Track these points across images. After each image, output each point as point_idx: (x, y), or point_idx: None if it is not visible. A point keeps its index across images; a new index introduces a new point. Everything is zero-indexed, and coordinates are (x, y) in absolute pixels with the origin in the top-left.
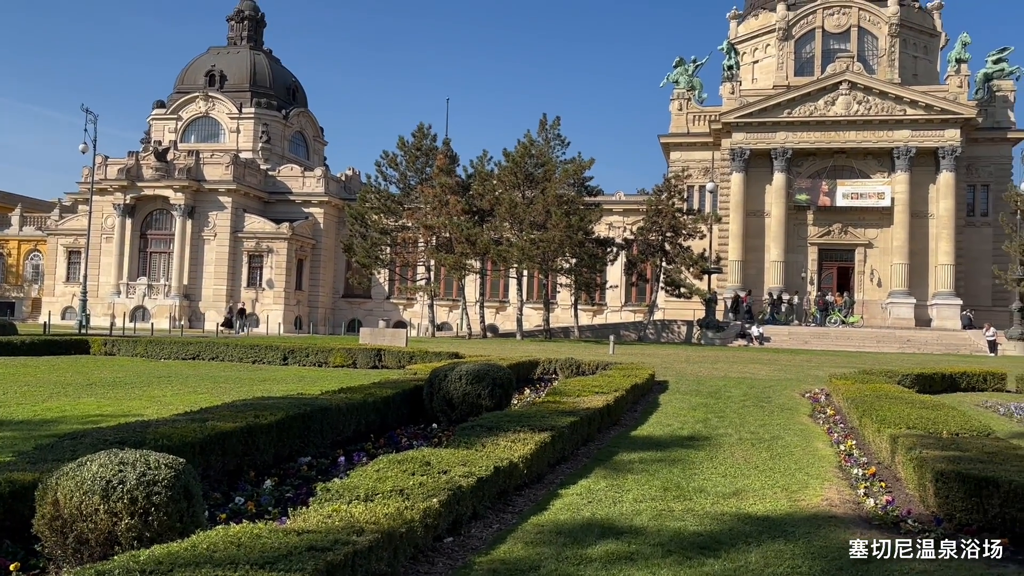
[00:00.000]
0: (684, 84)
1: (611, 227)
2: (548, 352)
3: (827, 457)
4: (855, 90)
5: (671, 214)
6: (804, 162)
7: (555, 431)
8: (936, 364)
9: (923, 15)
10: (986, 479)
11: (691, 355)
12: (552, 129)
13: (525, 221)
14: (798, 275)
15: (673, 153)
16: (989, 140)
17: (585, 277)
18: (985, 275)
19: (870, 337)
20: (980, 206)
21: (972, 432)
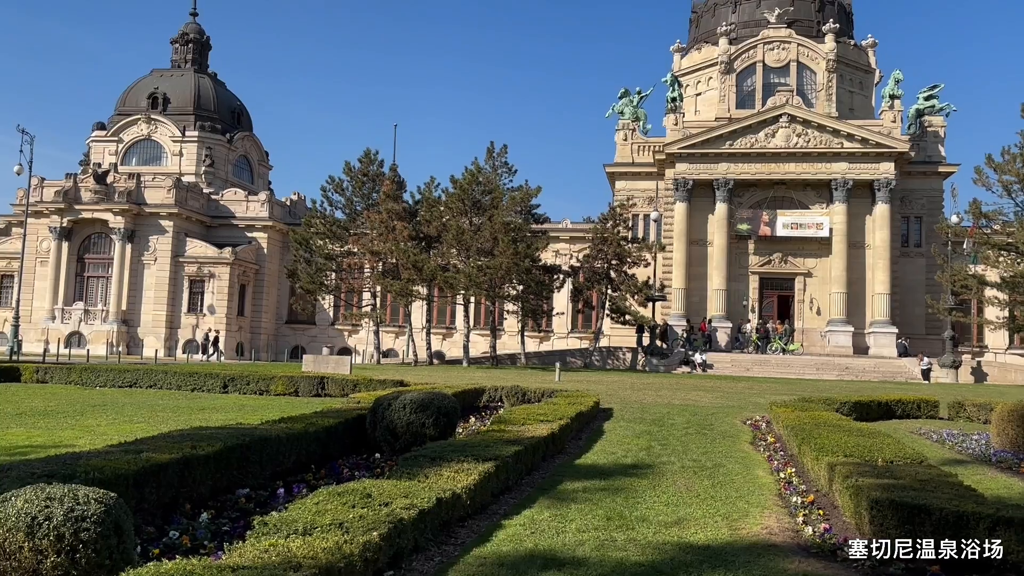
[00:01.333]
0: (629, 115)
1: (558, 254)
2: (494, 379)
3: (767, 485)
4: (794, 123)
5: (616, 242)
6: (746, 192)
7: (499, 461)
8: (873, 392)
9: (858, 52)
10: (918, 506)
11: (636, 382)
12: (499, 157)
13: (472, 248)
14: (740, 303)
15: (618, 182)
16: (922, 174)
17: (532, 304)
18: (919, 304)
19: (810, 364)
20: (914, 237)
21: (906, 460)
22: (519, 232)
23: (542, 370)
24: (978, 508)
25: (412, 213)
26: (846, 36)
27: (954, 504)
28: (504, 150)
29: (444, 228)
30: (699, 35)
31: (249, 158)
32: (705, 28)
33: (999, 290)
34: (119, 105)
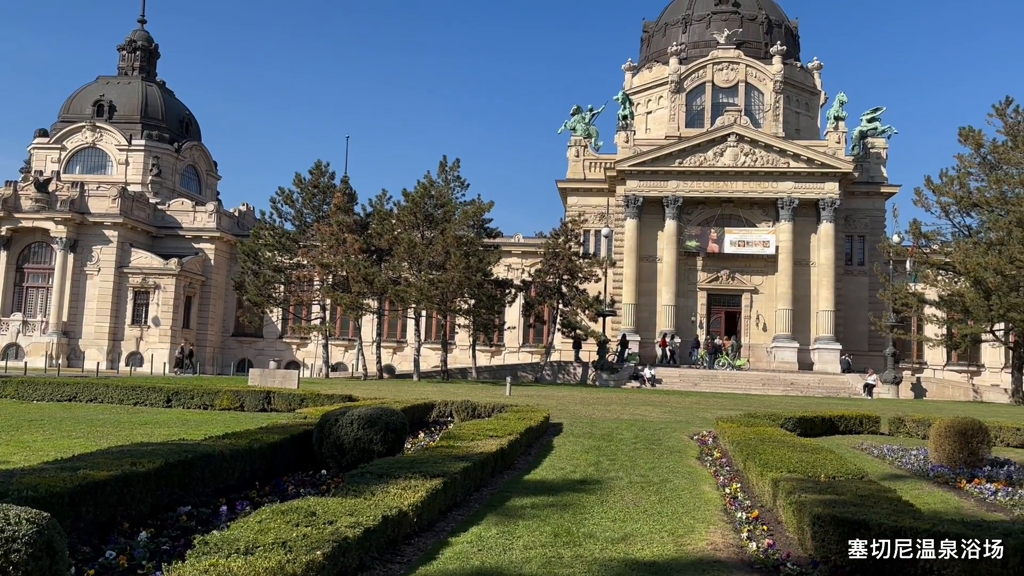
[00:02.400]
0: (581, 132)
1: (510, 269)
2: (444, 394)
3: (713, 500)
4: (742, 143)
5: (568, 257)
6: (695, 210)
7: (447, 478)
8: (817, 407)
9: (805, 74)
10: (858, 522)
11: (586, 397)
12: (452, 171)
13: (424, 261)
14: (688, 319)
15: (570, 198)
16: (865, 194)
17: (483, 318)
18: (862, 321)
19: (756, 380)
20: (857, 256)
21: (848, 475)
22: (471, 246)
23: (493, 384)
24: (915, 523)
25: (363, 226)
26: (793, 58)
27: (892, 519)
28: (457, 164)
29: (396, 241)
30: (650, 54)
31: (197, 168)
32: (656, 47)
33: (938, 308)
34: (63, 112)
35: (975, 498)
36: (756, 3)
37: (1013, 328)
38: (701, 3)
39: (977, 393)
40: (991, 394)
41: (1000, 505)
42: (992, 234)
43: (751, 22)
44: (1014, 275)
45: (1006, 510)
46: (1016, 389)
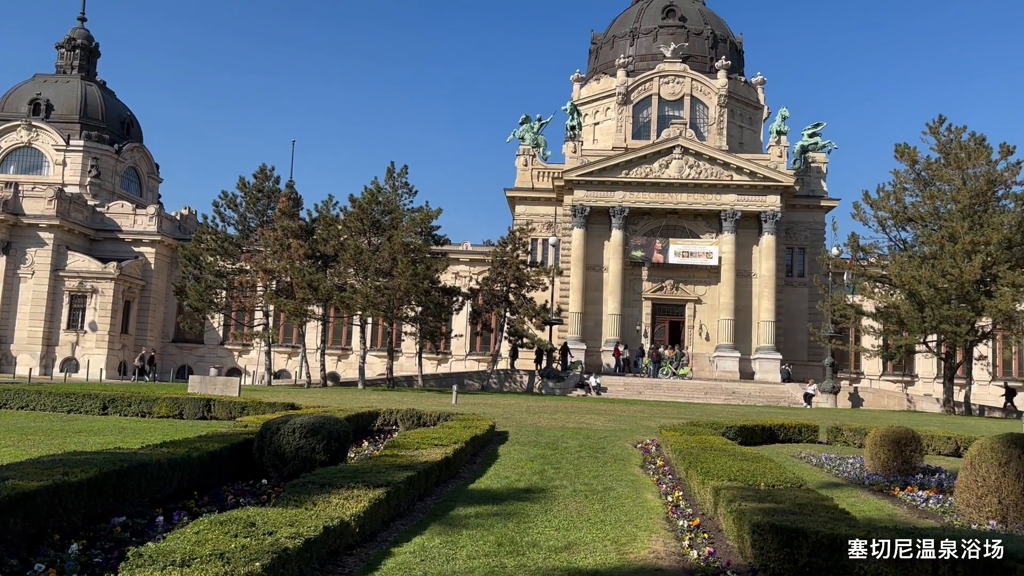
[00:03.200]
0: (530, 141)
1: (457, 276)
2: (390, 402)
3: (656, 508)
4: (687, 155)
5: (515, 266)
6: (641, 220)
7: (391, 487)
8: (758, 416)
9: (748, 88)
10: (796, 530)
11: (532, 405)
12: (400, 177)
13: (370, 268)
14: (633, 328)
15: (518, 207)
16: (805, 207)
17: (430, 326)
18: (802, 332)
19: (699, 389)
20: (798, 267)
21: (786, 484)
22: (419, 253)
23: (439, 392)
24: (850, 531)
25: (309, 231)
26: (737, 73)
27: (828, 527)
28: (405, 170)
29: (342, 247)
30: (598, 66)
31: (138, 170)
32: (604, 59)
33: (874, 320)
34: None
35: (908, 505)
36: (702, 18)
37: (945, 340)
38: (648, 17)
39: (911, 403)
40: (924, 404)
41: (931, 512)
42: (926, 248)
43: (697, 36)
44: (946, 288)
45: (937, 517)
46: (947, 399)
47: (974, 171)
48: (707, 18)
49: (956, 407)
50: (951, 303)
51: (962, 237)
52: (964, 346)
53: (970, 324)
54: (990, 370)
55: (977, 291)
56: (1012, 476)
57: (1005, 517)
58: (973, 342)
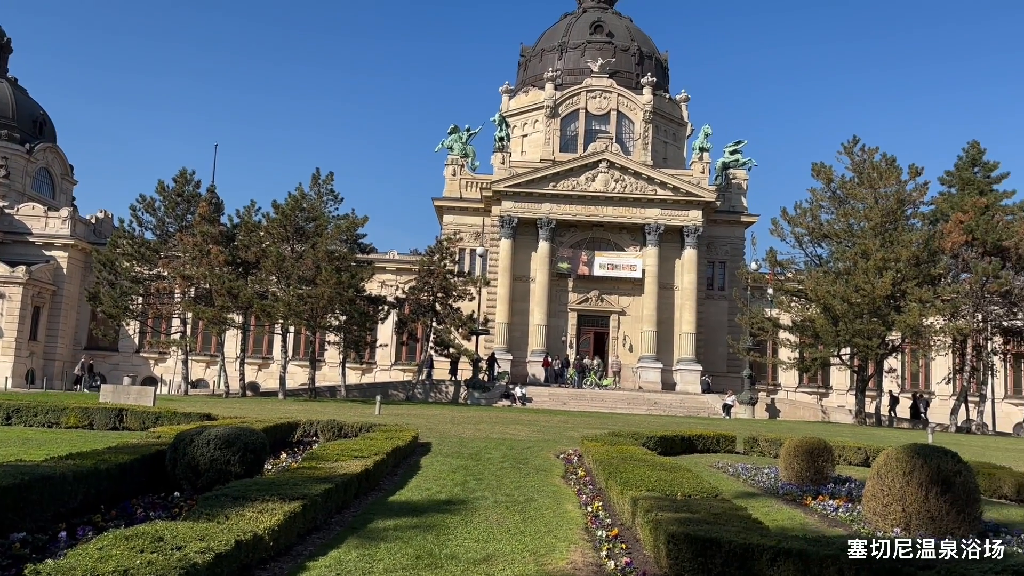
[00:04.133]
0: (458, 151)
1: (384, 285)
2: (310, 413)
3: (575, 519)
4: (613, 169)
5: (443, 275)
6: (567, 232)
7: (307, 500)
8: (678, 426)
9: (673, 105)
10: (710, 540)
11: (456, 415)
12: (325, 184)
13: (293, 276)
14: (559, 338)
15: (446, 216)
16: (726, 222)
17: (355, 335)
18: (722, 344)
19: (622, 399)
20: (718, 281)
21: (703, 494)
22: (344, 261)
23: (363, 403)
24: (762, 540)
25: (230, 237)
26: (663, 90)
27: (741, 537)
28: (330, 177)
29: (264, 254)
30: (527, 78)
31: (51, 171)
32: (533, 72)
33: (791, 333)
34: None
35: (819, 514)
36: (629, 35)
37: (857, 353)
38: (577, 32)
39: (825, 414)
40: (837, 415)
41: (841, 521)
42: (840, 264)
43: (624, 52)
44: (859, 303)
45: (846, 525)
46: (859, 410)
47: (885, 191)
48: (634, 35)
49: (867, 418)
50: (863, 317)
51: (874, 254)
52: (875, 359)
53: (881, 338)
54: (899, 382)
55: (888, 306)
56: (915, 485)
57: (908, 524)
58: (884, 355)
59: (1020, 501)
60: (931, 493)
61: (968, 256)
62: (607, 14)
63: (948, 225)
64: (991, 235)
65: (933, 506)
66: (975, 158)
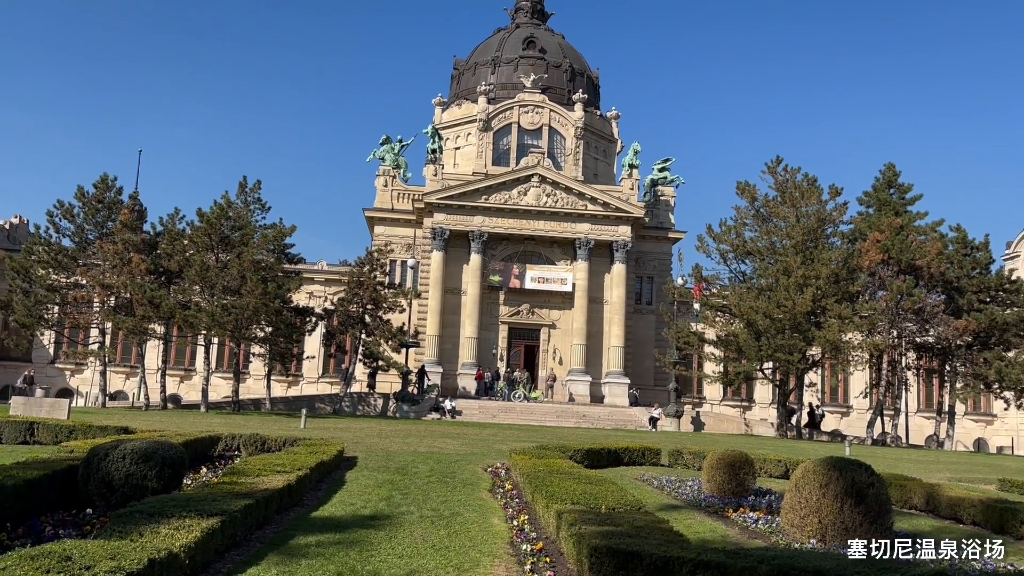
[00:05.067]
0: (390, 162)
1: (312, 296)
2: (233, 426)
3: (501, 533)
4: (545, 184)
5: (372, 287)
6: (499, 245)
7: (226, 516)
8: (605, 439)
9: (604, 122)
10: (631, 553)
11: (384, 429)
12: (253, 192)
13: (218, 285)
14: (490, 351)
15: (377, 227)
16: (654, 238)
17: (281, 347)
18: (649, 357)
19: (551, 412)
20: (647, 295)
21: (626, 507)
22: (270, 271)
23: (288, 416)
24: (682, 553)
25: (152, 246)
26: (594, 107)
27: (662, 550)
28: (258, 185)
29: (187, 263)
30: (460, 91)
31: None
32: (466, 85)
33: (715, 347)
34: None
35: (739, 526)
36: (561, 52)
37: (779, 367)
38: (510, 47)
39: (748, 427)
40: (760, 427)
41: (761, 533)
42: (763, 280)
43: (556, 69)
44: (781, 319)
45: (765, 537)
46: (781, 423)
47: (807, 210)
48: (566, 52)
49: (789, 431)
50: (785, 333)
51: (795, 271)
52: (796, 373)
53: (802, 353)
54: (819, 396)
55: (808, 322)
56: (831, 497)
57: (824, 536)
58: (804, 369)
59: (929, 512)
60: (846, 505)
61: (884, 274)
62: (540, 30)
63: (866, 244)
64: (905, 254)
65: (847, 517)
66: (891, 180)
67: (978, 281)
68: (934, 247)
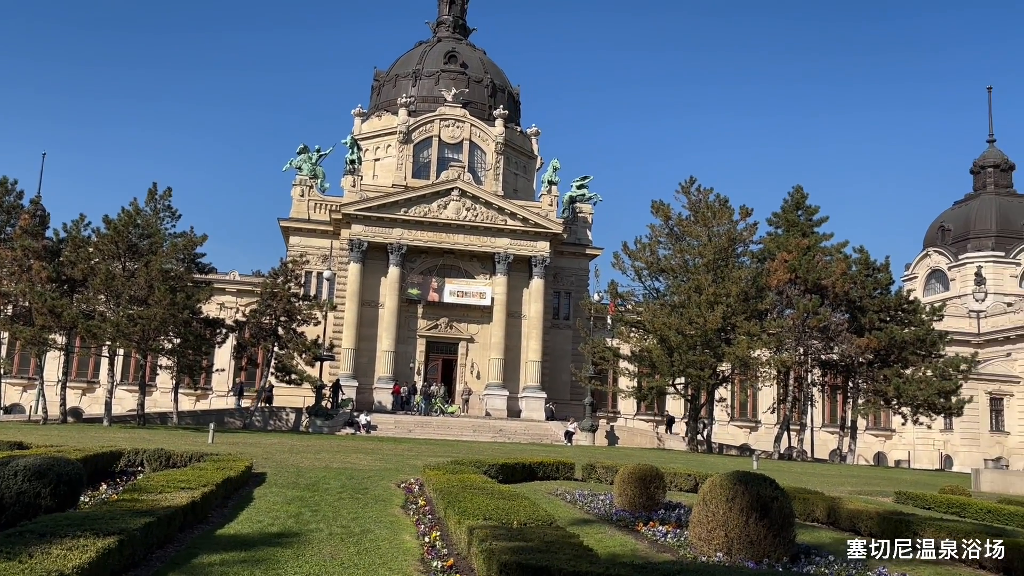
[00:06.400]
0: (307, 171)
1: (223, 307)
2: (137, 441)
3: (412, 550)
4: (465, 197)
5: (287, 298)
6: (418, 259)
7: (124, 535)
8: (521, 453)
9: (524, 138)
10: (541, 568)
11: (296, 444)
12: (163, 200)
13: (124, 295)
14: (407, 365)
15: (293, 238)
16: (572, 254)
17: (190, 359)
18: (566, 372)
19: (468, 426)
20: (564, 310)
21: (538, 522)
22: (179, 281)
23: (196, 431)
24: (590, 568)
25: (55, 252)
26: (514, 123)
27: (571, 564)
28: (168, 193)
29: (92, 272)
30: (380, 103)
31: None
32: (387, 97)
33: (630, 362)
34: None
35: (649, 540)
36: (483, 67)
37: (691, 382)
38: (431, 60)
39: (660, 441)
40: (672, 442)
41: (669, 546)
42: (676, 297)
43: (477, 84)
44: (692, 335)
45: (673, 550)
46: (692, 438)
47: (718, 229)
48: (487, 67)
49: (699, 445)
50: (696, 349)
51: (706, 289)
52: (707, 388)
53: (712, 368)
54: (729, 411)
55: (719, 338)
56: (737, 511)
57: (730, 549)
58: (715, 385)
59: (831, 524)
60: (751, 518)
61: (791, 293)
62: (462, 45)
63: (774, 264)
64: (812, 274)
65: (752, 531)
66: (799, 202)
67: (879, 301)
68: (839, 268)
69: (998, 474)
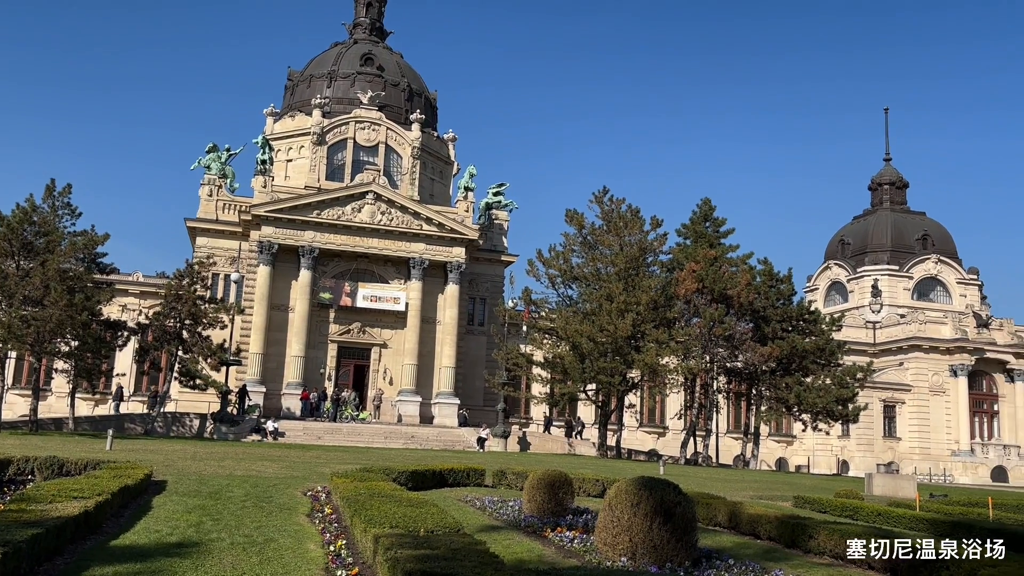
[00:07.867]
0: (216, 171)
1: (125, 309)
2: (28, 448)
3: (316, 559)
4: (380, 201)
5: (192, 301)
6: (331, 262)
7: (9, 547)
8: (433, 460)
9: (441, 144)
10: None
11: (199, 451)
12: (61, 196)
13: (17, 295)
14: (318, 370)
15: (200, 238)
16: (487, 260)
17: (88, 363)
18: (480, 378)
19: (379, 433)
20: (479, 317)
21: (445, 529)
22: (78, 281)
23: (93, 437)
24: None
25: None
26: (431, 128)
27: (476, 572)
28: (68, 189)
29: None
30: (294, 103)
31: None
32: (300, 97)
33: (543, 369)
34: None
35: (556, 546)
36: (400, 71)
37: (601, 389)
38: (347, 62)
39: (571, 447)
40: (583, 447)
41: (576, 552)
42: (588, 305)
43: (394, 87)
44: (604, 342)
45: (579, 556)
46: (602, 443)
47: (630, 239)
48: (404, 71)
49: (609, 451)
50: (607, 356)
51: (617, 297)
52: (617, 395)
53: (623, 375)
54: (638, 417)
55: (629, 346)
56: (641, 516)
57: (635, 554)
58: (624, 392)
59: (732, 528)
60: (655, 523)
61: (699, 302)
62: (378, 48)
63: (683, 273)
64: (718, 284)
65: (656, 535)
66: (707, 214)
67: (782, 311)
68: (744, 278)
69: (888, 478)
